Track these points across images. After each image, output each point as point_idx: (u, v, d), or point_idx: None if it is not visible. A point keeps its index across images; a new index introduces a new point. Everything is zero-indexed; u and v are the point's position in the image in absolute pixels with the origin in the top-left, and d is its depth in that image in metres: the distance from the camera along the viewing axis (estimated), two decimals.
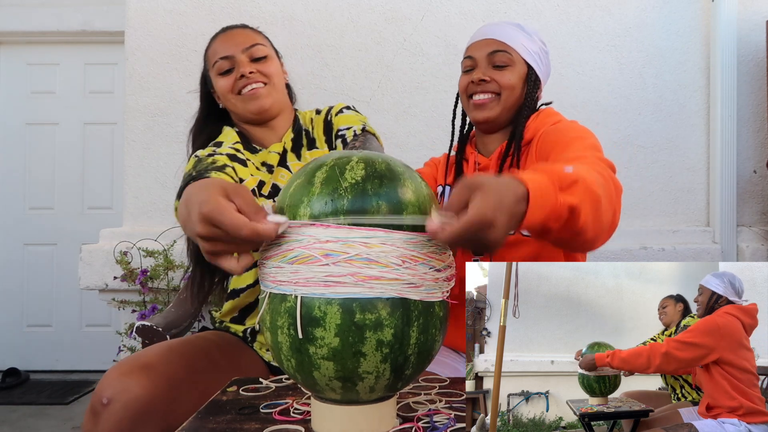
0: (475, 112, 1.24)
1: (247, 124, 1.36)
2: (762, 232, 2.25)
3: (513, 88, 1.22)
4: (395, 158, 0.79)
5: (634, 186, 2.27)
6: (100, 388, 1.04)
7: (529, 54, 1.23)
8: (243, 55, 1.29)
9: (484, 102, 1.22)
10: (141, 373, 1.05)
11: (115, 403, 1.01)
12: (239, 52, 1.29)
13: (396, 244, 0.70)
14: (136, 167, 2.29)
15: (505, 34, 1.23)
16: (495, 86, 1.22)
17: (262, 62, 1.31)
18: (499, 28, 1.25)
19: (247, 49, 1.30)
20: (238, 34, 1.33)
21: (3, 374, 3.37)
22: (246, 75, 1.28)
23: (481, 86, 1.22)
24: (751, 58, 2.27)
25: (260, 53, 1.31)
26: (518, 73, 1.23)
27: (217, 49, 1.32)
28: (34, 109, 3.63)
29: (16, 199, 3.64)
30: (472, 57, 1.24)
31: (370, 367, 0.70)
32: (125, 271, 2.07)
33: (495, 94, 1.22)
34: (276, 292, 0.73)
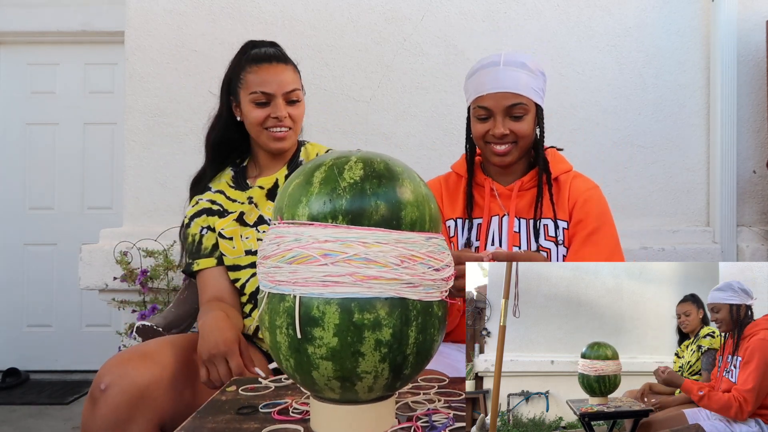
0: (496, 158, 1.31)
1: (261, 150, 1.47)
2: (762, 232, 2.24)
3: (528, 136, 1.30)
4: (394, 158, 0.79)
5: (634, 186, 2.27)
6: (99, 375, 1.07)
7: (536, 94, 1.30)
8: (281, 98, 1.38)
9: (505, 151, 1.30)
10: (139, 360, 1.08)
11: (113, 387, 1.03)
12: (280, 94, 1.37)
13: (394, 243, 0.69)
14: (136, 167, 2.29)
15: (518, 84, 1.27)
16: (513, 137, 1.29)
17: (294, 106, 1.41)
18: (511, 77, 1.27)
19: (286, 93, 1.38)
20: (281, 72, 1.39)
21: (3, 374, 3.37)
22: (280, 118, 1.37)
23: (502, 139, 1.29)
24: (751, 58, 2.26)
25: (296, 97, 1.40)
26: (531, 118, 1.30)
27: (257, 81, 1.37)
28: (34, 109, 3.63)
29: (16, 199, 3.63)
30: (488, 108, 1.28)
31: (368, 366, 0.70)
32: (125, 271, 2.07)
33: (513, 143, 1.30)
34: (274, 292, 0.72)
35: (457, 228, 1.35)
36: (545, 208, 1.30)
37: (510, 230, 1.29)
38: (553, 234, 1.28)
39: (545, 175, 1.33)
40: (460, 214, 1.36)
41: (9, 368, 3.42)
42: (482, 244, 1.30)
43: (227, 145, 1.48)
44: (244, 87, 1.39)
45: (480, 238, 1.31)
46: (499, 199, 1.33)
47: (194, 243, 1.41)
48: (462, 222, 1.35)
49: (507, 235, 1.29)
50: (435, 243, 0.75)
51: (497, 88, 1.27)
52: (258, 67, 1.39)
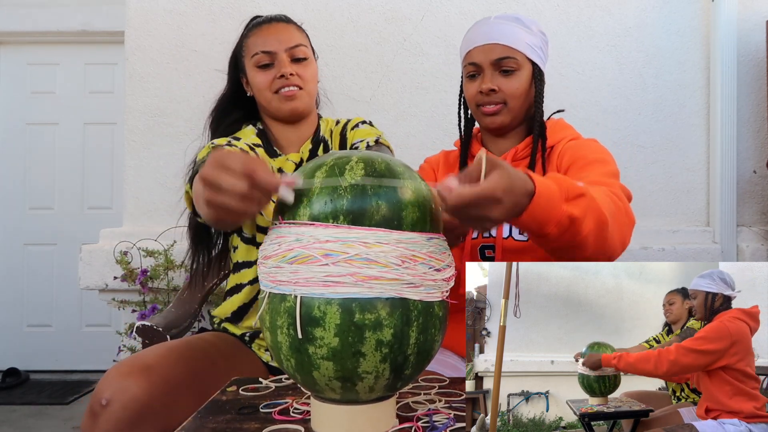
0: (486, 120, 1.23)
1: (274, 120, 1.35)
2: (762, 232, 2.25)
3: (520, 96, 1.21)
4: (395, 158, 0.79)
5: (634, 186, 2.26)
6: (99, 389, 1.04)
7: (533, 51, 1.21)
8: (285, 54, 1.28)
9: (493, 111, 1.21)
10: (140, 374, 1.05)
11: (114, 403, 1.01)
12: (282, 50, 1.28)
13: (395, 243, 0.70)
14: (136, 167, 2.29)
15: (509, 36, 1.19)
16: (502, 96, 1.20)
17: (302, 64, 1.30)
18: (502, 29, 1.20)
19: (290, 48, 1.28)
20: (283, 30, 1.31)
21: (3, 374, 3.37)
22: (286, 75, 1.27)
23: (490, 97, 1.20)
24: (751, 58, 2.26)
25: (301, 54, 1.30)
26: (525, 76, 1.20)
27: (258, 41, 1.29)
28: (34, 109, 3.63)
29: (16, 199, 3.64)
30: (476, 63, 1.21)
31: (369, 367, 0.70)
32: (125, 271, 2.07)
33: (503, 103, 1.21)
34: (275, 292, 0.72)
35: None
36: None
37: None
38: None
39: (541, 141, 1.22)
40: None
41: (9, 368, 3.42)
42: None
43: (232, 124, 1.37)
44: (247, 54, 1.31)
45: None
46: None
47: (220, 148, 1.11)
48: None
49: None
50: (436, 243, 0.75)
51: (486, 41, 1.19)
52: (258, 29, 1.32)
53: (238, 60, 1.36)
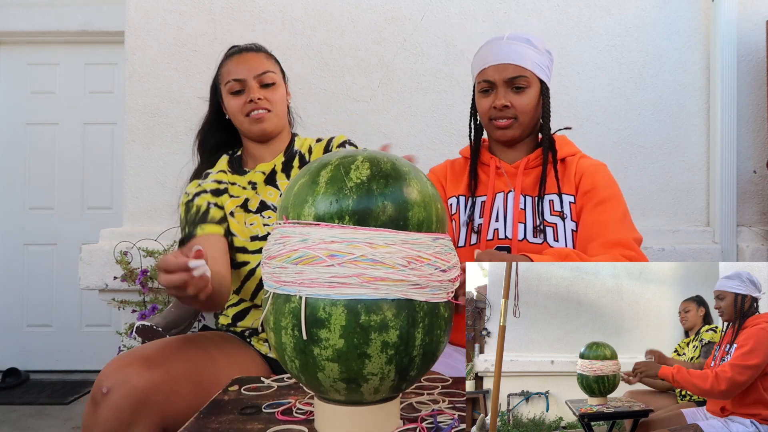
0: (498, 133, 1.32)
1: (249, 140, 1.49)
2: (762, 232, 2.25)
3: (530, 111, 1.31)
4: (400, 157, 0.78)
5: (634, 186, 2.27)
6: (100, 378, 1.07)
7: (541, 70, 1.31)
8: (254, 81, 1.40)
9: (505, 125, 1.30)
10: (140, 364, 1.07)
11: (115, 392, 1.03)
12: (251, 78, 1.40)
13: (401, 244, 0.69)
14: (136, 167, 2.29)
15: (521, 56, 1.28)
16: (514, 111, 1.29)
17: (269, 89, 1.42)
18: (514, 49, 1.29)
19: (258, 75, 1.41)
20: (251, 59, 1.43)
21: (3, 374, 3.37)
22: (254, 100, 1.40)
23: (502, 112, 1.29)
24: (751, 58, 2.27)
25: (269, 80, 1.42)
26: (534, 92, 1.30)
27: (230, 70, 1.43)
28: (34, 109, 3.63)
29: (16, 199, 3.63)
30: (490, 81, 1.30)
31: (374, 368, 0.70)
32: (125, 271, 2.07)
33: (514, 118, 1.30)
34: (280, 292, 0.72)
35: (459, 205, 1.35)
36: (549, 186, 1.30)
37: (516, 206, 1.29)
38: (558, 209, 1.28)
39: (551, 153, 1.33)
40: (462, 192, 1.37)
41: (9, 368, 3.42)
42: (486, 221, 1.30)
43: (216, 146, 1.52)
44: (222, 82, 1.45)
45: (484, 215, 1.31)
46: (505, 176, 1.34)
47: (199, 212, 1.37)
48: (465, 199, 1.35)
49: (513, 210, 1.29)
50: (442, 244, 0.75)
51: (499, 60, 1.29)
52: (231, 59, 1.45)
53: (217, 87, 1.49)
